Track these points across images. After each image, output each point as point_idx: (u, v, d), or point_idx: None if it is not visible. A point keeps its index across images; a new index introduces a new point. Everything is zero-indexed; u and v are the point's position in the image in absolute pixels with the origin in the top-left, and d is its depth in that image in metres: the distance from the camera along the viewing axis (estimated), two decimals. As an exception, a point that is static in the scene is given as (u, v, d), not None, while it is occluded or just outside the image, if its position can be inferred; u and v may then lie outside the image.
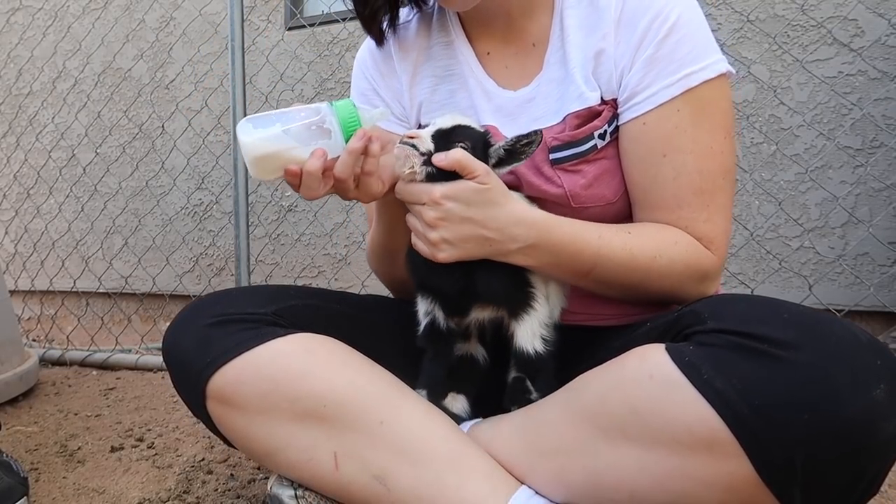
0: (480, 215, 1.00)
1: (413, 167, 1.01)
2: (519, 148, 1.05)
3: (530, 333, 1.05)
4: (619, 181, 1.14)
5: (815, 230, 2.45)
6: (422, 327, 1.14)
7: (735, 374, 0.80)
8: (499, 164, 1.06)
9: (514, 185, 1.14)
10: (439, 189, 1.00)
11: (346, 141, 0.99)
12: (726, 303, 0.92)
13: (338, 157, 0.99)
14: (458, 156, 0.99)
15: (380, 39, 1.27)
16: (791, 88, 2.47)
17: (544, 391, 1.05)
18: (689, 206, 1.08)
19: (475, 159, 1.01)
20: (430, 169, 1.01)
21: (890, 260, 2.36)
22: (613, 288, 1.10)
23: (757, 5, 2.44)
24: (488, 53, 1.23)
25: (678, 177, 1.07)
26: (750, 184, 2.52)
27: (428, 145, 1.02)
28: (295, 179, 0.99)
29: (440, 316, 1.12)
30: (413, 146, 1.02)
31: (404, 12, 1.30)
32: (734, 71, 1.10)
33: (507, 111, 1.19)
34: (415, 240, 1.06)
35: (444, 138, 1.03)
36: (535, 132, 1.03)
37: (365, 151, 0.99)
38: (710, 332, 0.85)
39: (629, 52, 1.09)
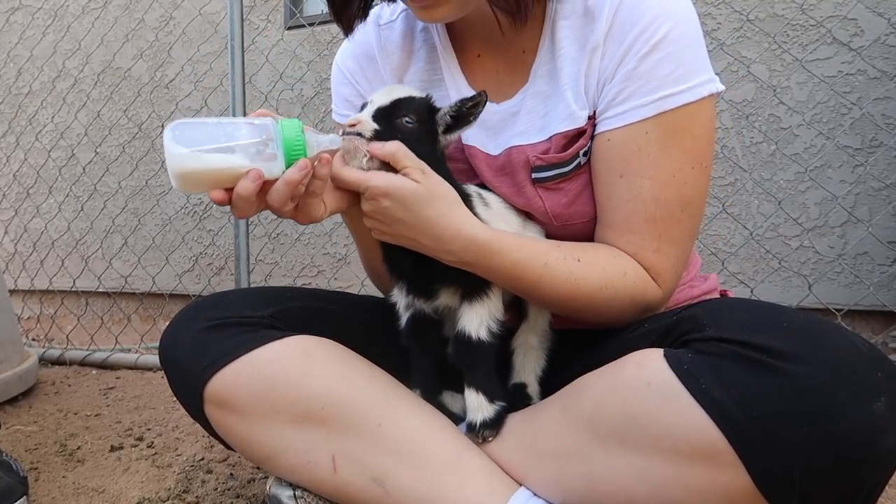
0: (413, 219, 0.94)
1: (363, 159, 0.95)
2: (465, 111, 1.00)
3: (478, 320, 1.02)
4: None
5: (815, 229, 2.45)
6: (403, 322, 1.12)
7: (734, 384, 0.79)
8: (447, 130, 1.02)
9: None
10: (375, 183, 0.93)
11: (287, 167, 0.88)
12: (726, 309, 0.91)
13: (275, 179, 0.88)
14: (392, 149, 0.94)
15: (349, 28, 1.15)
16: (790, 88, 2.47)
17: (479, 385, 1.03)
18: (640, 232, 1.03)
19: (411, 155, 0.95)
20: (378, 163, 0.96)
21: (889, 259, 2.36)
22: (552, 308, 1.10)
23: (756, 5, 2.44)
24: (479, 56, 1.17)
25: (631, 200, 1.02)
26: (749, 183, 2.52)
27: (371, 127, 0.97)
28: (223, 200, 0.88)
29: (420, 305, 1.09)
30: (358, 134, 0.96)
31: (388, 11, 1.25)
32: (722, 88, 1.04)
33: (490, 125, 1.14)
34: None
35: (386, 117, 0.99)
36: (479, 93, 0.99)
37: (313, 174, 0.90)
38: (709, 340, 0.84)
39: (613, 63, 1.03)
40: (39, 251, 3.84)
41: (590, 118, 1.06)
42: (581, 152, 1.07)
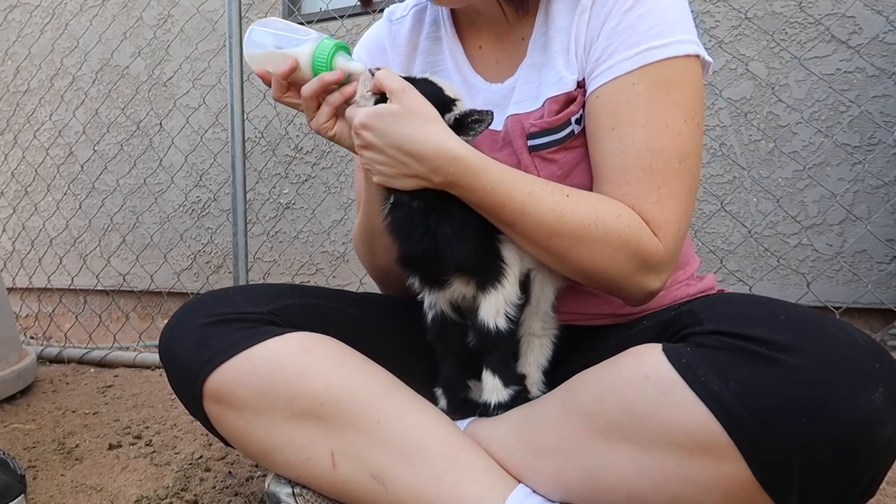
0: (397, 142, 0.96)
1: (363, 93, 1.02)
2: (467, 123, 1.01)
3: (494, 309, 1.03)
4: None
5: (813, 227, 2.45)
6: (429, 322, 1.13)
7: (732, 376, 0.79)
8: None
9: None
10: (359, 114, 0.99)
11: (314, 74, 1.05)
12: (724, 303, 0.91)
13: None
14: (379, 74, 1.00)
15: (367, 2, 1.26)
16: (789, 85, 2.47)
17: (496, 369, 1.05)
18: (637, 183, 1.00)
19: (395, 76, 1.00)
20: (377, 97, 1.01)
21: (888, 257, 2.36)
22: (539, 251, 1.03)
23: (755, 2, 2.44)
24: (480, 48, 1.22)
25: (625, 151, 1.01)
26: (748, 181, 2.52)
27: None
28: (266, 79, 1.07)
29: (442, 306, 1.11)
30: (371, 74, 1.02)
31: (401, 8, 1.31)
32: (710, 60, 1.05)
33: (495, 102, 1.16)
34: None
35: None
36: (487, 112, 1.01)
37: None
38: (708, 334, 0.85)
39: (597, 25, 1.05)
40: (37, 249, 3.83)
41: (580, 84, 1.07)
42: (573, 119, 1.07)
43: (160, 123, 3.61)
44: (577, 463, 0.93)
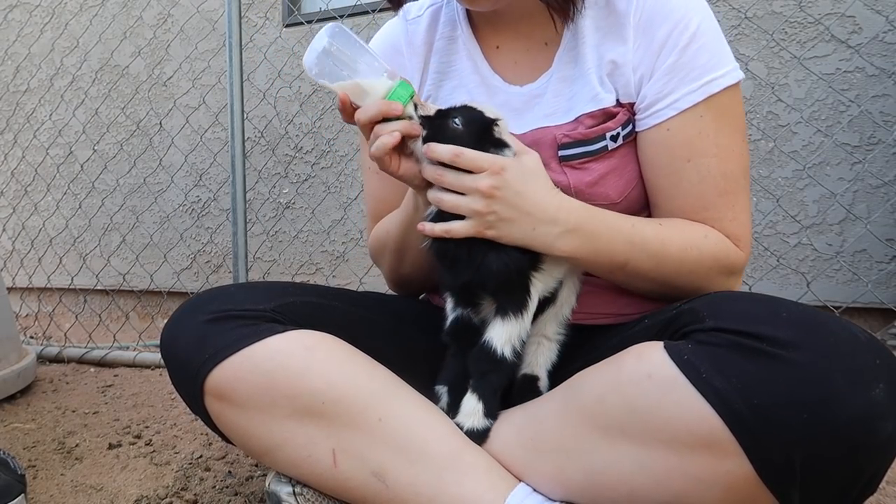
0: (531, 190, 0.98)
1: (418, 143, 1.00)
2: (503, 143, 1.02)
3: (506, 336, 1.02)
4: (625, 182, 1.14)
5: (813, 227, 2.45)
6: (448, 322, 1.13)
7: (734, 373, 0.80)
8: None
9: None
10: (501, 159, 0.98)
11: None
12: (725, 301, 0.91)
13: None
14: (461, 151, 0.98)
15: (398, 3, 1.28)
16: (789, 85, 2.47)
17: (483, 396, 1.03)
18: (715, 207, 1.09)
19: (481, 155, 0.98)
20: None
21: (888, 257, 2.36)
22: (646, 281, 1.09)
23: (755, 2, 2.44)
24: (497, 47, 1.23)
25: (703, 181, 1.08)
26: (748, 181, 2.52)
27: (426, 113, 1.02)
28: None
29: (468, 311, 1.11)
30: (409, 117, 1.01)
31: (416, 7, 1.32)
32: (743, 75, 1.12)
33: (513, 106, 1.18)
34: (443, 227, 1.02)
35: (442, 114, 1.02)
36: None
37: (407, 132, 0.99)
38: (709, 331, 0.85)
39: (649, 59, 1.09)
40: (37, 249, 3.83)
41: (619, 104, 1.12)
42: (608, 135, 1.11)
43: (160, 123, 3.61)
44: (579, 461, 0.93)
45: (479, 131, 1.01)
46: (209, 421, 1.10)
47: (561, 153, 1.11)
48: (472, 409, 1.04)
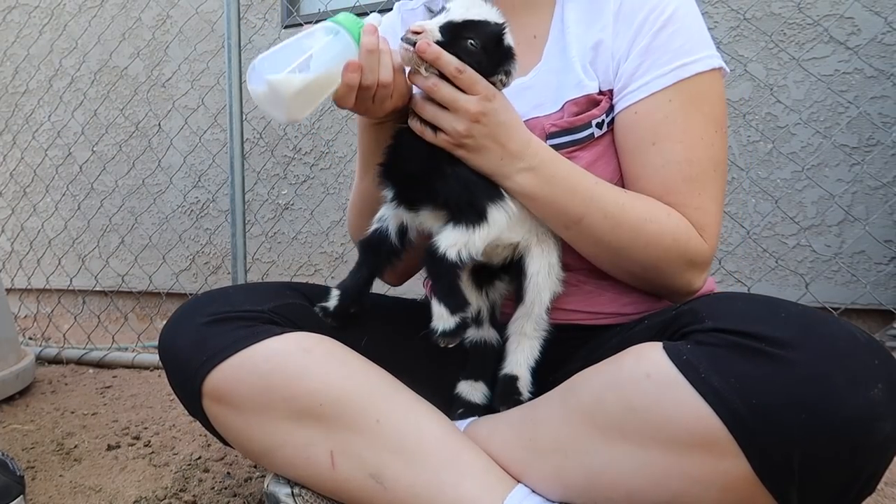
0: (510, 121, 1.02)
1: (422, 67, 0.98)
2: (510, 67, 1.03)
3: (454, 241, 1.02)
4: (612, 170, 1.15)
5: (812, 228, 2.46)
6: (371, 229, 1.14)
7: (733, 372, 0.80)
8: (506, 73, 1.05)
9: None
10: (486, 84, 0.99)
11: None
12: (724, 301, 0.91)
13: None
14: (466, 70, 0.98)
15: None
16: (787, 86, 2.47)
17: (441, 298, 1.03)
18: (679, 192, 1.08)
19: (481, 80, 0.99)
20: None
21: (886, 258, 2.36)
22: (599, 246, 1.09)
23: (753, 3, 2.44)
24: None
25: (666, 165, 1.08)
26: (746, 182, 2.53)
27: (435, 37, 0.98)
28: (348, 92, 0.99)
29: (391, 225, 1.12)
30: (413, 44, 0.97)
31: (411, 3, 1.35)
32: (728, 69, 1.12)
33: None
34: (421, 127, 1.03)
35: (454, 32, 0.99)
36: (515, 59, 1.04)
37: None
38: (708, 332, 0.85)
39: (626, 43, 1.11)
40: (36, 250, 3.83)
41: (601, 92, 1.13)
42: (594, 122, 1.12)
43: (159, 124, 3.61)
44: (577, 461, 0.93)
45: (493, 46, 1.02)
46: (207, 423, 1.10)
47: (549, 142, 1.12)
48: (437, 312, 1.04)
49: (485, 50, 1.00)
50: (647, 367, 0.87)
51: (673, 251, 1.07)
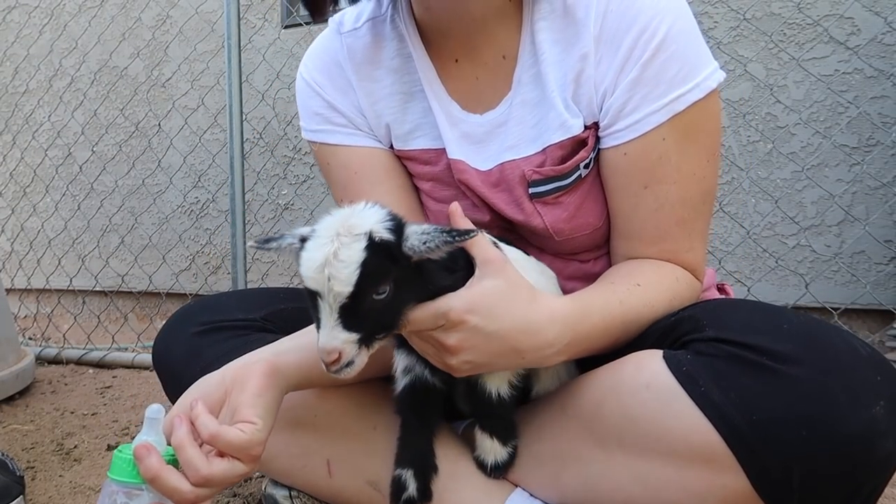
0: (508, 324, 0.83)
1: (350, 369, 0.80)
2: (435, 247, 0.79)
3: (499, 378, 0.94)
4: (600, 209, 1.07)
5: (812, 228, 2.45)
6: (399, 388, 0.98)
7: (733, 386, 0.79)
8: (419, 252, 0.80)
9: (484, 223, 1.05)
10: (458, 303, 0.81)
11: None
12: (726, 309, 0.91)
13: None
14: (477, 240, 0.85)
15: (323, 11, 1.11)
16: (787, 86, 2.47)
17: (494, 432, 0.97)
18: (672, 237, 1.01)
19: (492, 247, 0.87)
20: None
21: (886, 258, 2.36)
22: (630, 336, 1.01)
23: (753, 3, 2.44)
24: (456, 61, 1.10)
25: (660, 209, 1.00)
26: (746, 182, 2.52)
27: (353, 340, 0.78)
28: None
29: (425, 373, 0.96)
30: (348, 364, 0.79)
31: (350, 17, 1.18)
32: (724, 75, 1.01)
33: (476, 138, 1.08)
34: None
35: (354, 310, 0.78)
36: (473, 231, 0.82)
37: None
38: (709, 341, 0.84)
39: (612, 73, 0.98)
40: (36, 250, 3.83)
41: (587, 128, 1.02)
42: (581, 164, 1.02)
43: (159, 124, 3.60)
44: (575, 469, 0.93)
45: (388, 266, 0.79)
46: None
47: (532, 190, 1.04)
48: (489, 447, 0.97)
49: (395, 281, 0.79)
50: (646, 377, 0.86)
51: (678, 306, 1.00)
